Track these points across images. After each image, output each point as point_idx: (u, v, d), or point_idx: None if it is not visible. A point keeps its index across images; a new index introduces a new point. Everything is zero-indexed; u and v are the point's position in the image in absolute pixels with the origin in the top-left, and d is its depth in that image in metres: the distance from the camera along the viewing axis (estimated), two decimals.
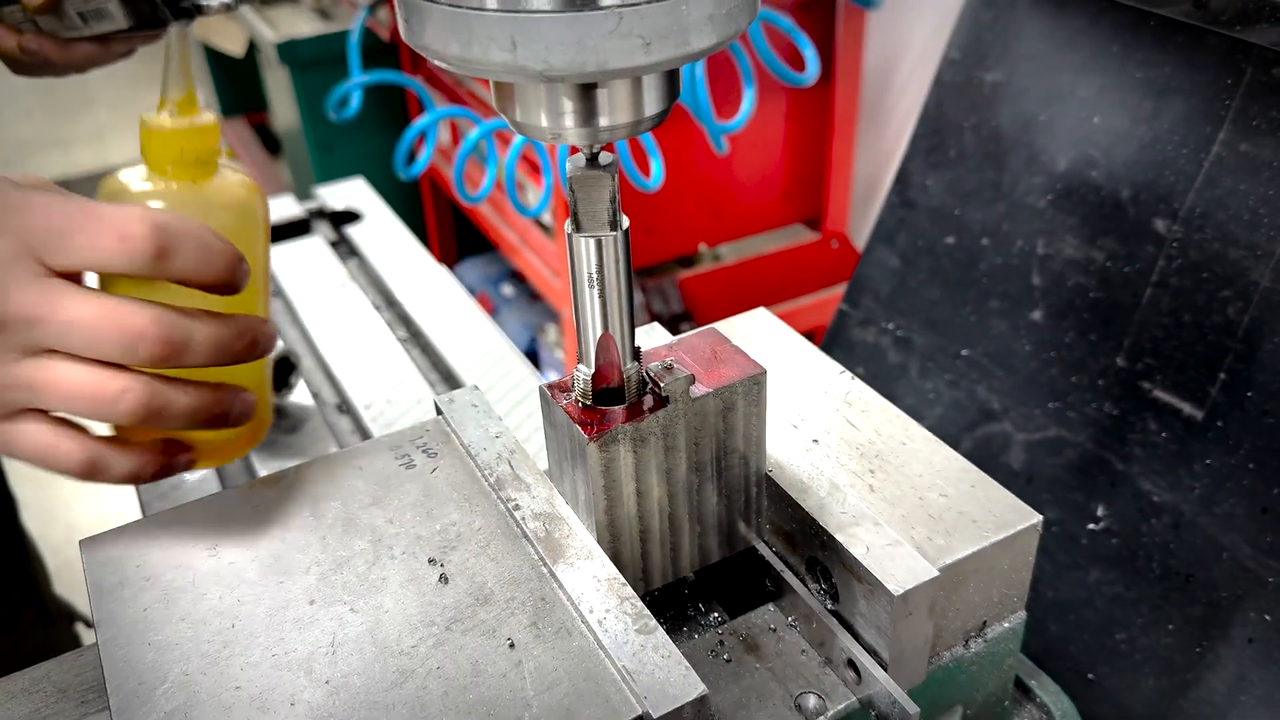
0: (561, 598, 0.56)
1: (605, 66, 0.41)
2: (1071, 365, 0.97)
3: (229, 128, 4.49)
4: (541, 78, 0.42)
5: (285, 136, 3.48)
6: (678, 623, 0.65)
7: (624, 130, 0.47)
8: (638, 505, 0.60)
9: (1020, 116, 1.02)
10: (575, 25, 0.40)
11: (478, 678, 0.52)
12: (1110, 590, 0.92)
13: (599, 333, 0.56)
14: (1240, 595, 0.85)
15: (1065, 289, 0.98)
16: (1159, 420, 0.91)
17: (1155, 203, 0.91)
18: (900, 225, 1.13)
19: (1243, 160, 0.86)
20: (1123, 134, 0.94)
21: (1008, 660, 0.66)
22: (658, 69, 0.43)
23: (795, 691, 0.60)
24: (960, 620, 0.63)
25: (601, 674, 0.52)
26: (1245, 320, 0.85)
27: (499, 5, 0.40)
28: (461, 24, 0.41)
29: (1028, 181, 1.02)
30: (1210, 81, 0.88)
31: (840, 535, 0.59)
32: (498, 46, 0.41)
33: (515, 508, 0.61)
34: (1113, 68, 0.95)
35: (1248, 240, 0.85)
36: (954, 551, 0.60)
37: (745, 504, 0.64)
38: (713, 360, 0.60)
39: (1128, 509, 0.92)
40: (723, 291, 2.62)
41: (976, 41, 1.06)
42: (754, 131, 2.42)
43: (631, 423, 0.56)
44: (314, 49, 2.92)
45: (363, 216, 1.41)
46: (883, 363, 1.13)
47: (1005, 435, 1.02)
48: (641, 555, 0.62)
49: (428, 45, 0.43)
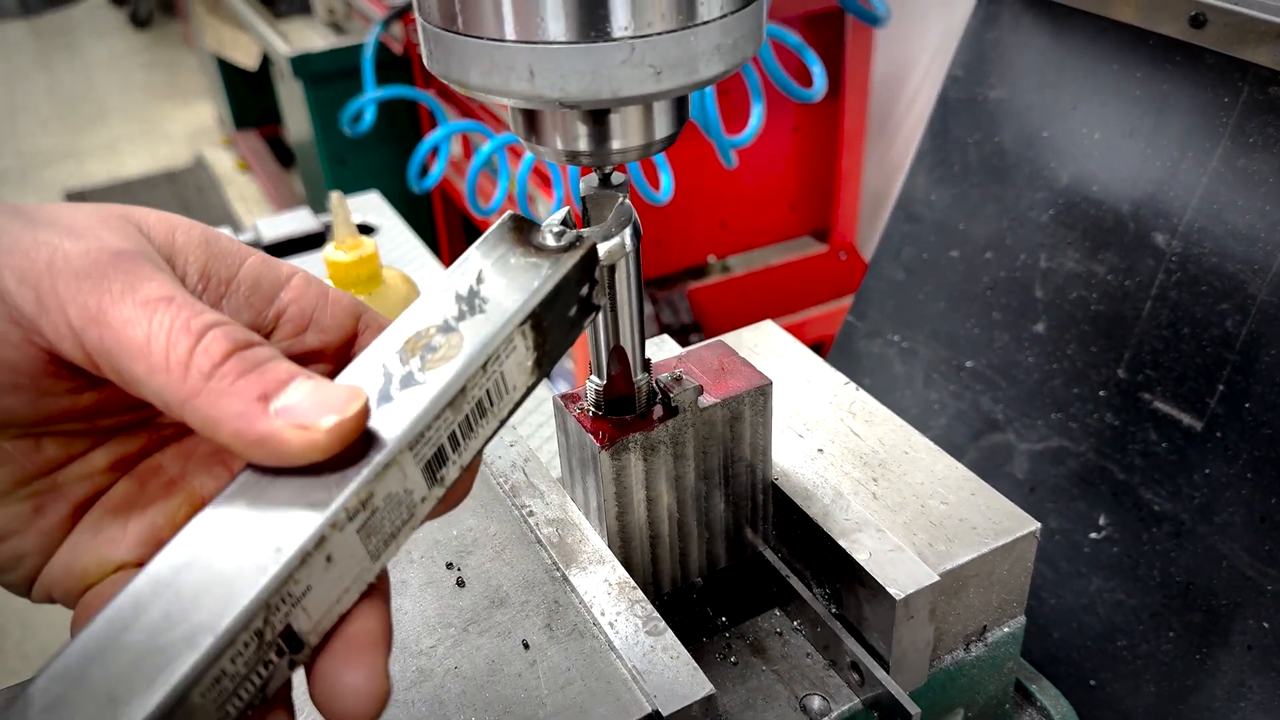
0: (574, 601, 0.58)
1: (618, 94, 0.43)
2: (1073, 376, 0.99)
3: (242, 140, 4.53)
4: (557, 104, 0.44)
5: (299, 149, 3.51)
6: (687, 626, 0.67)
7: (635, 153, 0.49)
8: (648, 511, 0.62)
9: (1023, 133, 1.05)
10: (590, 55, 0.42)
11: (494, 677, 0.54)
12: (1111, 598, 0.94)
13: (611, 345, 0.58)
14: (1239, 603, 0.86)
15: (1067, 302, 1.00)
16: (1159, 431, 0.92)
17: (1155, 217, 0.93)
18: (905, 239, 1.15)
19: (1240, 176, 0.88)
20: (1123, 150, 0.96)
21: (1008, 664, 0.68)
22: (668, 96, 0.45)
23: (800, 693, 0.62)
24: (961, 624, 0.65)
25: (613, 674, 0.54)
26: (1243, 333, 0.87)
27: (518, 36, 0.42)
28: (482, 54, 0.43)
29: (1030, 196, 1.04)
30: (1208, 99, 0.90)
31: (844, 541, 0.61)
32: (516, 75, 0.43)
33: (529, 514, 0.64)
34: (1112, 85, 0.97)
35: (1245, 255, 0.87)
36: (954, 557, 0.62)
37: (752, 511, 0.66)
38: (720, 372, 0.63)
39: (1129, 518, 0.94)
40: (732, 303, 2.64)
41: (980, 59, 1.08)
42: (763, 144, 2.44)
43: (642, 432, 0.58)
44: (327, 62, 2.95)
45: (378, 230, 1.43)
46: (888, 374, 1.15)
47: (1009, 445, 1.04)
48: (651, 560, 0.64)
49: (449, 73, 0.46)
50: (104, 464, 0.45)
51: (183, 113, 5.41)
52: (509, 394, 0.45)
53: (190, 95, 5.54)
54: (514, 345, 0.44)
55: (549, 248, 0.47)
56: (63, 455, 0.44)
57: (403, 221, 1.48)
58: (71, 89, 5.76)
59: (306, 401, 0.38)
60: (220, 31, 3.76)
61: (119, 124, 5.30)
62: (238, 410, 0.38)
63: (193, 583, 0.36)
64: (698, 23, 0.43)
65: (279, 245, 1.40)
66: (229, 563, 0.37)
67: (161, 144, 5.07)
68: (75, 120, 5.35)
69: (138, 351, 0.38)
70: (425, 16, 0.46)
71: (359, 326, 0.47)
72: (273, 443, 0.38)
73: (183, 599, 0.36)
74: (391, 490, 0.40)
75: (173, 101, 5.55)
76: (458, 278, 0.46)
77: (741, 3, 0.45)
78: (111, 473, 0.45)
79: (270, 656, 0.37)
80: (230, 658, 0.35)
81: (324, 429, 0.38)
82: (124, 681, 0.34)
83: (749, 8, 0.46)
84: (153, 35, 6.61)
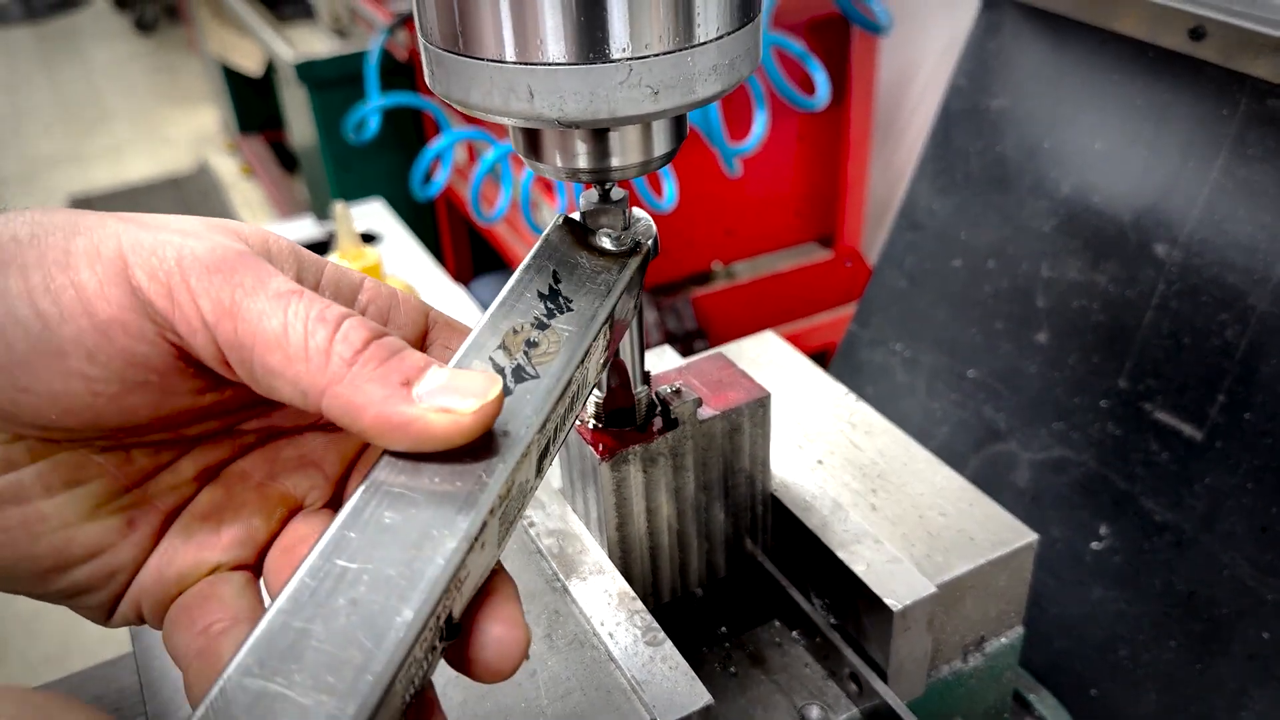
0: (574, 611, 0.59)
1: (616, 114, 0.44)
2: (1075, 386, 0.99)
3: (246, 145, 4.55)
4: (556, 124, 0.45)
5: (302, 154, 3.52)
6: (686, 636, 0.67)
7: (634, 170, 0.50)
8: (648, 522, 0.62)
9: (1025, 143, 1.05)
10: (588, 76, 0.43)
11: (494, 687, 0.55)
12: (1113, 607, 0.94)
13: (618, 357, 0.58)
14: (1240, 612, 0.86)
15: (1069, 311, 1.00)
16: (1160, 441, 0.93)
17: (1156, 228, 0.94)
18: (908, 248, 1.16)
19: (1240, 187, 0.88)
20: (1124, 161, 0.96)
21: (1006, 674, 0.69)
22: (666, 115, 0.45)
23: (799, 703, 0.62)
24: (959, 635, 0.65)
25: (612, 684, 0.55)
26: (1243, 343, 0.87)
27: (517, 58, 0.43)
28: (483, 75, 0.44)
29: (1032, 206, 1.04)
30: (1208, 111, 0.90)
31: (842, 553, 0.61)
32: (516, 96, 0.44)
33: (530, 524, 0.64)
34: (1113, 96, 0.97)
35: (1245, 265, 0.87)
36: (952, 569, 0.62)
37: (752, 521, 0.67)
38: (720, 384, 0.63)
39: (1130, 527, 0.94)
40: (736, 309, 2.64)
41: (982, 69, 1.09)
42: (768, 151, 2.44)
43: (641, 444, 0.59)
44: (331, 69, 2.96)
45: (381, 238, 1.44)
46: (891, 382, 1.16)
47: (1012, 455, 1.04)
48: (652, 570, 0.64)
49: (450, 93, 0.46)
50: (191, 473, 0.46)
51: (187, 117, 5.43)
52: (587, 389, 0.48)
53: (194, 100, 5.56)
54: (598, 343, 0.47)
55: (610, 251, 0.50)
56: (151, 465, 0.45)
57: (406, 229, 1.48)
58: (75, 94, 5.78)
59: (448, 386, 0.39)
60: (224, 37, 3.78)
61: (123, 129, 5.32)
62: (382, 395, 0.39)
63: (372, 575, 0.37)
64: (695, 44, 0.44)
65: None
66: (403, 553, 0.38)
67: (165, 149, 5.09)
68: (79, 125, 5.37)
69: (275, 342, 0.39)
70: (426, 37, 0.46)
71: (428, 323, 0.48)
72: (417, 426, 0.39)
73: (366, 589, 0.37)
74: (521, 479, 0.42)
75: (177, 106, 5.57)
76: (534, 277, 0.48)
77: (738, 23, 0.45)
78: (196, 481, 0.46)
79: (436, 642, 0.38)
80: (420, 644, 0.36)
81: (469, 412, 0.39)
82: (329, 671, 0.35)
83: (745, 28, 0.46)
84: (157, 40, 6.63)
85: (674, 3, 0.43)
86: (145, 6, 6.71)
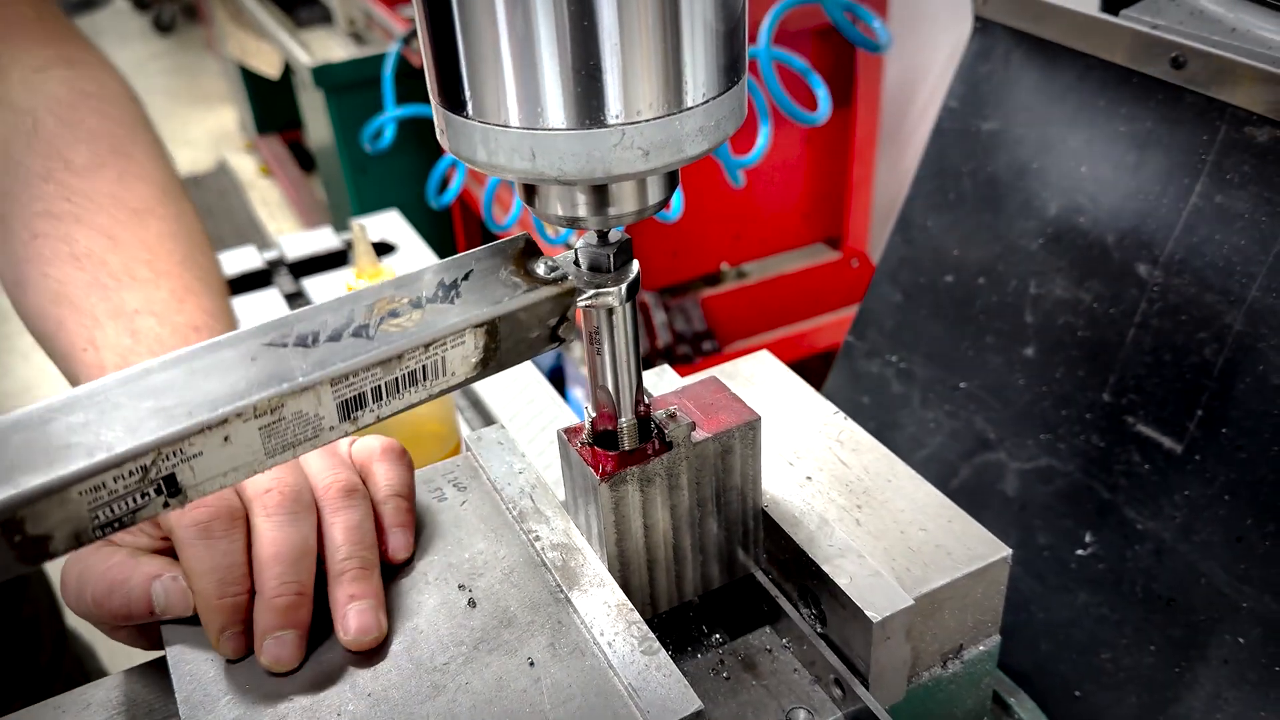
0: (576, 621, 0.63)
1: (610, 173, 0.48)
2: (1061, 399, 1.03)
3: (264, 145, 4.60)
4: (556, 181, 0.49)
5: (320, 156, 3.57)
6: (682, 643, 0.71)
7: (630, 217, 0.54)
8: (645, 537, 0.66)
9: (1014, 164, 1.09)
10: (585, 140, 0.47)
11: (501, 692, 0.59)
12: (1097, 612, 0.98)
13: (600, 384, 0.63)
14: (1216, 619, 0.90)
15: (1055, 327, 1.04)
16: (1142, 453, 0.97)
17: (1138, 248, 0.97)
18: (903, 263, 1.20)
19: (1218, 211, 0.92)
20: (1108, 183, 1.00)
21: (984, 680, 0.73)
22: (657, 173, 0.50)
23: (787, 706, 0.67)
24: (937, 644, 0.69)
25: (610, 690, 0.59)
26: (1220, 361, 0.91)
27: (521, 123, 0.47)
28: (489, 137, 0.48)
29: (1021, 225, 1.08)
30: (1188, 136, 0.94)
31: (827, 566, 0.66)
32: (519, 156, 0.48)
33: (535, 539, 0.69)
34: (1099, 121, 1.01)
35: (1222, 286, 0.91)
36: (929, 582, 0.66)
37: (744, 535, 0.71)
38: (712, 407, 0.67)
39: (1113, 535, 0.98)
40: (745, 310, 2.68)
41: (974, 92, 1.13)
42: (775, 155, 2.48)
43: (638, 465, 0.63)
44: (348, 73, 3.00)
45: (397, 249, 1.49)
46: (886, 393, 1.20)
47: (1000, 464, 1.08)
48: (649, 582, 0.69)
49: (459, 150, 0.51)
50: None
51: (205, 117, 5.49)
52: (445, 377, 0.53)
53: (212, 100, 5.62)
54: (463, 340, 0.52)
55: (536, 275, 0.56)
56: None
57: (421, 240, 1.53)
58: None
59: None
60: (243, 40, 3.83)
61: None
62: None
63: (113, 412, 0.46)
64: (683, 109, 0.48)
65: (302, 263, 1.46)
66: (145, 406, 0.46)
67: (184, 149, 5.15)
68: None
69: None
70: (437, 100, 0.51)
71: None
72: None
73: (99, 419, 0.46)
74: (303, 409, 0.49)
75: (195, 106, 5.63)
76: (453, 267, 0.55)
77: (723, 87, 0.50)
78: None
79: (148, 490, 0.46)
80: (114, 476, 0.45)
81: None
82: (27, 460, 0.43)
83: (730, 90, 0.50)
84: (175, 40, 6.69)
85: (664, 72, 0.47)
86: (163, 6, 6.77)
